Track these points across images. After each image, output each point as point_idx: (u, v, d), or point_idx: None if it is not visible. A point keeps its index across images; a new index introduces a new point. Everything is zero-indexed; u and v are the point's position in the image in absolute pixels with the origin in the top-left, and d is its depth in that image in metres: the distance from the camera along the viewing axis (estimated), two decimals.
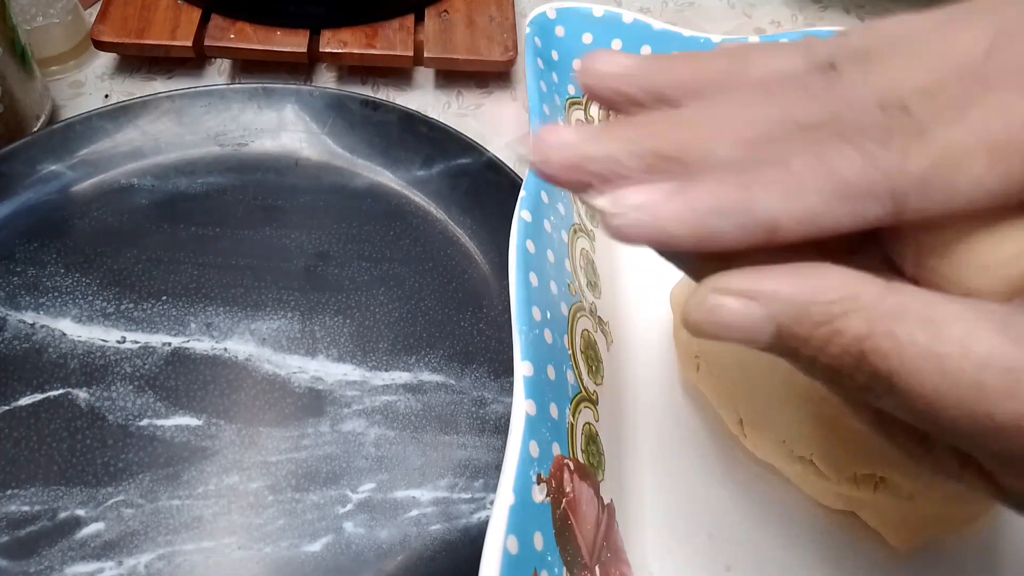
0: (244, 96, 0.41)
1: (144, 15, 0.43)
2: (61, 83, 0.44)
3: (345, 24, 0.44)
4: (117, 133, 0.39)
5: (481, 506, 0.30)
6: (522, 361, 0.25)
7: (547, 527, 0.23)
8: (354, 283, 0.36)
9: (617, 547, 0.27)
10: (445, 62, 0.44)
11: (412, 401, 0.33)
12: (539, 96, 0.35)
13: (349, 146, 0.40)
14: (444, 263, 0.37)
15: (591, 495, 0.26)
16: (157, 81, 0.45)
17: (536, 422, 0.24)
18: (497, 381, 0.34)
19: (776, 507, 0.30)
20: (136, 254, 0.36)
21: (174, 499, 0.29)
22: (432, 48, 0.44)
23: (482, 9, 0.46)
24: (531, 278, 0.27)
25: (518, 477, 0.22)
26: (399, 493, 0.30)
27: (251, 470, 0.30)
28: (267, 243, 0.37)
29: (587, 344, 0.30)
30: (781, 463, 0.29)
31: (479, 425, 0.32)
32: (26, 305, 0.33)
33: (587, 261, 0.34)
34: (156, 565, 0.28)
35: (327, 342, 0.34)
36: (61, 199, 0.37)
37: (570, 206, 0.34)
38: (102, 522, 0.28)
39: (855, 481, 0.27)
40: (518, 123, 0.45)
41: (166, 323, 0.34)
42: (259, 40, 0.43)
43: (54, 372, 0.32)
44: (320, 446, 0.31)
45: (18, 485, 0.29)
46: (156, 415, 0.31)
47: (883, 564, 0.29)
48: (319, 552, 0.29)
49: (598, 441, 0.28)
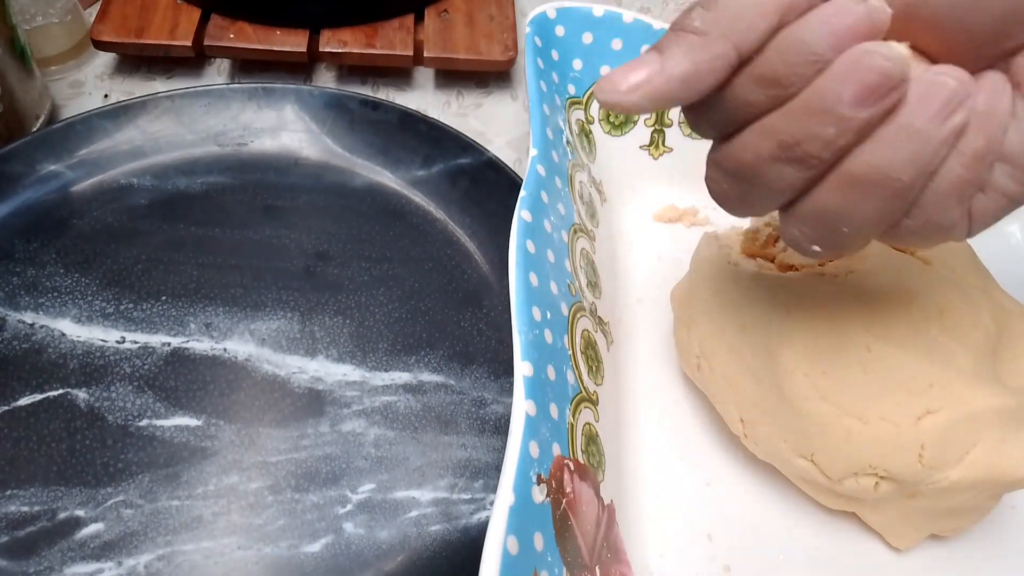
0: (244, 96, 0.41)
1: (144, 15, 0.43)
2: (61, 83, 0.44)
3: (345, 23, 0.44)
4: (117, 133, 0.39)
5: (481, 506, 0.30)
6: (522, 361, 0.25)
7: (547, 527, 0.23)
8: (354, 283, 0.36)
9: (617, 547, 0.27)
10: (445, 61, 0.44)
11: (412, 401, 0.33)
12: (539, 96, 0.35)
13: (349, 146, 0.40)
14: (444, 263, 0.37)
15: (591, 495, 0.26)
16: (157, 81, 0.45)
17: (536, 422, 0.24)
18: (497, 381, 0.34)
19: (776, 507, 0.30)
20: (136, 254, 0.36)
21: (174, 499, 0.29)
22: (432, 47, 0.44)
23: (482, 8, 0.46)
24: (531, 278, 0.27)
25: (518, 477, 0.22)
26: (399, 493, 0.30)
27: (251, 470, 0.30)
28: (267, 243, 0.37)
29: (587, 344, 0.30)
30: (781, 463, 0.29)
31: (479, 425, 0.32)
32: (25, 305, 0.33)
33: (587, 261, 0.34)
34: (156, 565, 0.28)
35: (327, 342, 0.34)
36: (61, 199, 0.37)
37: (570, 206, 0.34)
38: (102, 522, 0.28)
39: (856, 481, 0.27)
40: (518, 123, 0.45)
41: (166, 323, 0.34)
42: (259, 40, 0.43)
43: (54, 372, 0.32)
44: (320, 446, 0.31)
45: (18, 485, 0.29)
46: (156, 415, 0.31)
47: (883, 564, 0.29)
48: (319, 552, 0.29)
49: (598, 441, 0.28)
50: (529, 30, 0.37)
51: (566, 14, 0.39)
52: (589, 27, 0.39)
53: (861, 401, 0.26)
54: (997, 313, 0.27)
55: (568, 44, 0.39)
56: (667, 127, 0.40)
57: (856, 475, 0.27)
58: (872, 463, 0.26)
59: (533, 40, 0.37)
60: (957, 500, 0.27)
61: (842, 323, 0.27)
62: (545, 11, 0.38)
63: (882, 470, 0.26)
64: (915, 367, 0.26)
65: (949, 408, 0.25)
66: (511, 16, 0.46)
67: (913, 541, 0.29)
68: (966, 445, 0.25)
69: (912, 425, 0.25)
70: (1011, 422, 0.26)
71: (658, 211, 0.40)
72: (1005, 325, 0.28)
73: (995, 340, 0.27)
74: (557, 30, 0.38)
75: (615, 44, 0.39)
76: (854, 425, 0.26)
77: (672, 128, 0.40)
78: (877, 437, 0.26)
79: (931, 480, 0.26)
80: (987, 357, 0.27)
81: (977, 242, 0.31)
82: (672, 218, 0.39)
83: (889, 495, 0.27)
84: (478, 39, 0.44)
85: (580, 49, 0.39)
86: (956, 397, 0.25)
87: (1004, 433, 0.26)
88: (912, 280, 0.28)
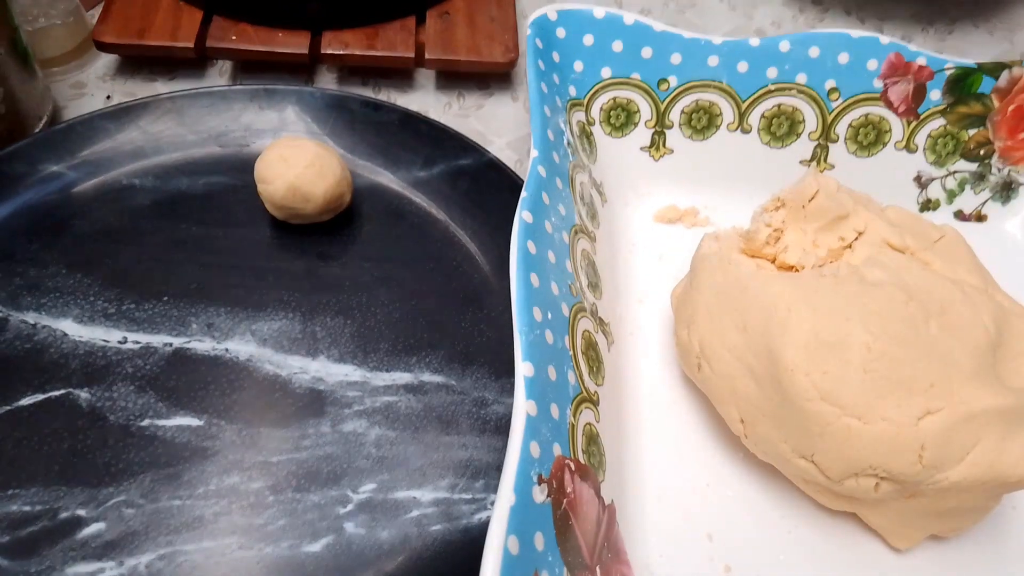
0: (245, 97, 0.41)
1: (146, 16, 0.43)
2: (63, 84, 0.44)
3: (346, 25, 0.44)
4: (119, 134, 0.39)
5: (482, 506, 0.30)
6: (523, 361, 0.25)
7: (548, 527, 0.23)
8: (355, 284, 0.36)
9: (618, 547, 0.27)
10: (446, 63, 0.44)
11: (413, 402, 0.33)
12: (540, 97, 0.35)
13: (350, 146, 0.40)
14: (445, 264, 0.37)
15: (592, 495, 0.26)
16: (159, 82, 0.45)
17: (537, 422, 0.24)
18: (498, 382, 0.34)
19: (776, 507, 0.30)
20: (137, 254, 0.36)
21: (175, 499, 0.29)
22: (433, 49, 0.44)
23: (483, 10, 0.46)
24: (532, 279, 0.27)
25: (519, 477, 0.22)
26: (400, 493, 0.30)
27: (252, 470, 0.30)
28: (268, 243, 0.37)
29: (588, 345, 0.30)
30: (781, 463, 0.29)
31: (480, 426, 0.32)
32: (27, 305, 0.34)
33: (588, 262, 0.34)
34: (157, 565, 0.28)
35: (328, 343, 0.34)
36: (63, 199, 0.37)
37: (571, 207, 0.34)
38: (103, 522, 0.29)
39: (856, 482, 0.27)
40: (519, 124, 0.45)
41: (167, 323, 0.34)
42: (260, 41, 0.43)
43: (55, 372, 0.32)
44: (321, 446, 0.31)
45: (19, 485, 0.29)
46: (157, 415, 0.31)
47: (883, 564, 0.29)
48: (320, 552, 0.29)
49: (599, 441, 0.28)
50: (530, 32, 0.37)
51: (567, 16, 0.39)
52: (590, 29, 0.39)
53: (861, 401, 0.26)
54: (997, 313, 0.27)
55: (569, 46, 0.39)
56: (668, 128, 0.40)
57: (856, 475, 0.27)
58: (872, 463, 0.26)
59: (534, 42, 0.37)
60: (957, 500, 0.27)
61: (842, 323, 0.27)
62: (546, 13, 0.38)
63: (882, 470, 0.26)
64: (915, 367, 0.26)
65: (949, 408, 0.25)
66: (512, 18, 0.46)
67: (913, 541, 0.29)
68: (966, 445, 0.26)
69: (912, 425, 0.25)
70: (1011, 422, 0.26)
71: (659, 212, 0.40)
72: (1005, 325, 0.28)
73: (995, 340, 0.27)
74: (558, 32, 0.39)
75: (616, 46, 0.39)
76: (854, 425, 0.26)
77: (673, 129, 0.40)
78: (877, 437, 0.26)
79: (931, 480, 0.26)
80: (987, 357, 0.27)
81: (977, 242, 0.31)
82: (672, 219, 0.40)
83: (889, 495, 0.27)
84: (479, 40, 0.45)
85: (581, 51, 0.39)
86: (956, 397, 0.25)
87: (1004, 433, 0.26)
88: (912, 280, 0.28)
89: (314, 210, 0.35)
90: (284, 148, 0.35)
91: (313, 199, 0.35)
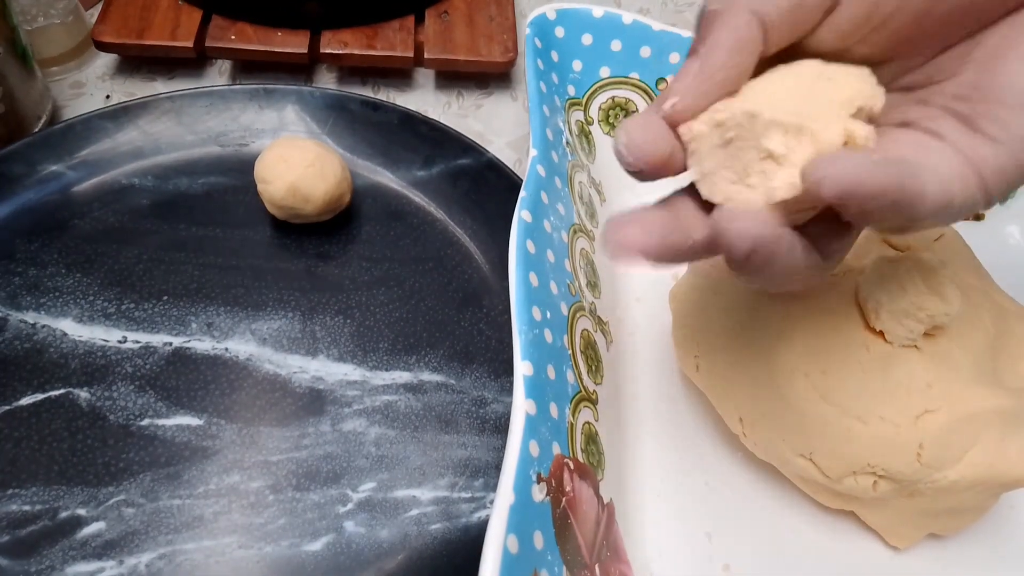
0: (245, 97, 0.41)
1: (145, 16, 0.43)
2: (62, 83, 0.44)
3: (346, 25, 0.44)
4: (118, 133, 0.39)
5: (481, 505, 0.30)
6: (522, 361, 0.25)
7: (547, 526, 0.23)
8: (354, 283, 0.36)
9: (617, 546, 0.27)
10: (445, 63, 0.44)
11: (412, 401, 0.33)
12: (539, 97, 0.35)
13: (349, 146, 0.40)
14: (444, 263, 0.37)
15: (591, 494, 0.26)
16: (158, 82, 0.45)
17: (536, 422, 0.24)
18: (497, 381, 0.34)
19: (776, 507, 0.31)
20: (137, 254, 0.36)
21: (175, 498, 0.29)
22: (432, 49, 0.44)
23: (482, 10, 0.46)
24: (531, 278, 0.27)
25: (518, 476, 0.22)
26: (399, 492, 0.30)
27: (252, 470, 0.30)
28: (268, 243, 0.37)
29: (587, 344, 0.30)
30: (780, 462, 0.29)
31: (479, 425, 0.32)
32: (27, 305, 0.34)
33: (587, 261, 0.34)
34: (157, 564, 0.28)
35: (328, 342, 0.34)
36: (62, 199, 0.37)
37: (570, 206, 0.34)
38: (103, 521, 0.29)
39: (855, 481, 0.27)
40: (518, 123, 0.45)
41: (167, 323, 0.34)
42: (260, 41, 0.43)
43: (55, 372, 0.32)
44: (321, 445, 0.31)
45: (19, 485, 0.29)
46: (157, 415, 0.31)
47: (882, 563, 0.30)
48: (320, 551, 0.29)
49: (598, 440, 0.28)
50: (529, 31, 0.37)
51: (566, 15, 0.39)
52: (589, 28, 0.39)
53: (860, 401, 0.26)
54: (997, 313, 0.28)
55: (568, 45, 0.39)
56: None
57: (855, 474, 0.27)
58: (871, 462, 0.26)
59: (533, 41, 0.37)
60: (956, 499, 0.27)
61: (841, 322, 0.27)
62: (545, 12, 0.38)
63: (881, 469, 0.26)
64: (914, 367, 0.26)
65: (948, 408, 0.25)
66: (511, 17, 0.46)
67: (912, 540, 0.29)
68: (965, 445, 0.26)
69: (911, 425, 0.25)
70: (1010, 422, 0.26)
71: None
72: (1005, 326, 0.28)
73: (995, 341, 0.27)
74: (557, 31, 0.39)
75: (614, 45, 0.39)
76: (853, 425, 0.26)
77: None
78: (876, 436, 0.26)
79: (930, 479, 0.26)
80: (986, 357, 0.27)
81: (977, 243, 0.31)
82: None
83: (888, 494, 0.27)
84: (478, 40, 0.45)
85: (580, 50, 0.39)
86: (955, 397, 0.25)
87: (1003, 433, 0.26)
88: None
89: (314, 210, 0.35)
90: (284, 148, 0.35)
91: (313, 199, 0.35)
